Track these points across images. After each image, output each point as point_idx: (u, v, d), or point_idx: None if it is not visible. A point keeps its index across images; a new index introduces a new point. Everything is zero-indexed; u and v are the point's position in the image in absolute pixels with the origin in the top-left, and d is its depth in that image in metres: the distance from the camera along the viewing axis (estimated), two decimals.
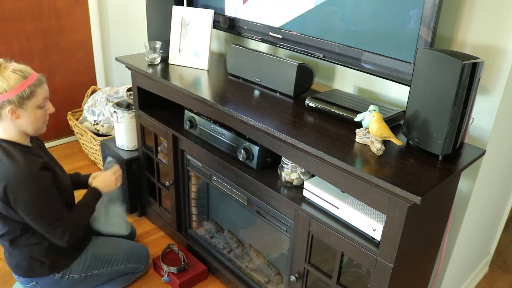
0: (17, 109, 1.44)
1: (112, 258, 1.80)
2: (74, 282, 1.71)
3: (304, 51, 1.66)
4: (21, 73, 1.43)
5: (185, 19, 1.94)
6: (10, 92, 1.40)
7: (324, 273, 1.47)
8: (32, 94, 1.45)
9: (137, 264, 1.91)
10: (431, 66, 1.17)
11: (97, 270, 1.75)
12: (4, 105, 1.42)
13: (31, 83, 1.44)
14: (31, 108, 1.46)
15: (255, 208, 1.67)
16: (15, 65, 1.46)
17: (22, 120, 1.47)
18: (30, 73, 1.46)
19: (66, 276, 1.68)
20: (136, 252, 1.92)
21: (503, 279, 2.15)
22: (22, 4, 2.70)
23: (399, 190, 1.09)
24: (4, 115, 1.44)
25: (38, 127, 1.53)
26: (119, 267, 1.82)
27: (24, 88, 1.42)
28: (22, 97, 1.42)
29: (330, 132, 1.38)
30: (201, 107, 1.70)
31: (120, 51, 3.05)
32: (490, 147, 1.42)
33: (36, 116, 1.49)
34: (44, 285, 1.67)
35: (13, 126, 1.48)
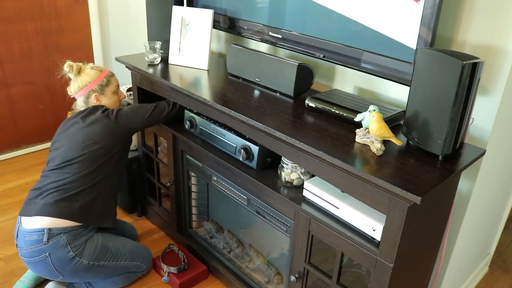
0: (100, 95, 1.87)
1: (118, 253, 1.83)
2: (81, 268, 1.72)
3: (304, 51, 1.66)
4: (97, 68, 1.88)
5: (185, 19, 1.94)
6: (92, 82, 1.85)
7: (324, 273, 1.47)
8: (109, 82, 1.89)
9: (140, 263, 1.92)
10: (431, 66, 1.17)
11: (104, 261, 1.78)
12: (90, 94, 1.86)
13: (106, 74, 1.88)
14: (110, 94, 1.90)
15: (255, 208, 1.67)
16: (91, 64, 1.90)
17: (103, 102, 1.89)
18: (103, 68, 1.91)
19: (78, 258, 1.70)
20: (140, 251, 1.95)
21: (503, 279, 2.15)
22: (22, 4, 2.70)
23: (399, 190, 1.09)
24: (91, 101, 1.88)
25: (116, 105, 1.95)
26: (123, 263, 1.84)
27: (101, 78, 1.86)
28: (101, 85, 1.86)
29: (330, 132, 1.38)
30: (201, 107, 1.70)
31: (120, 51, 3.05)
32: (490, 147, 1.42)
33: (113, 100, 1.92)
34: (55, 259, 1.68)
35: None
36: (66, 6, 2.89)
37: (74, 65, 1.85)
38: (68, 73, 1.86)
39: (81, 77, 1.85)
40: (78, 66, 1.86)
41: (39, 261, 1.68)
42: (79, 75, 1.85)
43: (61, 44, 2.95)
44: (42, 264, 1.69)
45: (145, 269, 1.96)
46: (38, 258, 1.68)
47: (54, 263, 1.68)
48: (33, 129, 3.00)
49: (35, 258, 1.68)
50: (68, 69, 1.85)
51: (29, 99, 2.91)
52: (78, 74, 1.85)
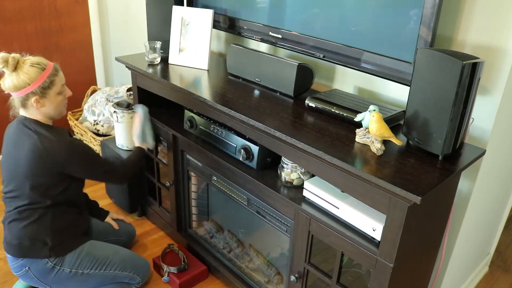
0: (41, 98, 1.59)
1: (107, 261, 1.76)
2: (63, 276, 1.68)
3: (304, 51, 1.66)
4: (39, 65, 1.58)
5: (185, 19, 1.94)
6: (32, 85, 1.56)
7: (324, 273, 1.47)
8: (52, 83, 1.60)
9: (133, 274, 1.83)
10: (431, 66, 1.17)
11: (89, 269, 1.72)
12: (28, 96, 1.57)
13: (49, 73, 1.59)
14: (53, 96, 1.62)
15: (255, 208, 1.67)
16: (32, 58, 1.59)
17: (46, 107, 1.62)
18: (46, 64, 1.60)
19: (58, 267, 1.67)
20: (134, 261, 1.86)
21: (503, 279, 2.15)
22: (22, 4, 2.70)
23: (399, 190, 1.09)
24: (30, 104, 1.60)
25: (60, 111, 1.69)
26: (112, 272, 1.77)
27: (44, 79, 1.57)
28: (43, 87, 1.58)
29: (330, 132, 1.38)
30: (201, 107, 1.70)
31: (120, 51, 3.05)
32: (490, 147, 1.42)
33: (57, 101, 1.65)
34: (35, 272, 1.66)
35: (39, 113, 1.63)
36: (66, 6, 2.89)
37: (10, 58, 1.54)
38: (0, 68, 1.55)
39: (18, 75, 1.54)
40: (15, 60, 1.55)
41: (23, 275, 1.69)
42: (16, 71, 1.55)
43: (61, 44, 2.95)
44: (27, 277, 1.69)
45: (140, 281, 1.88)
46: (21, 272, 1.68)
47: (36, 275, 1.67)
48: None
49: (19, 273, 1.69)
50: (2, 64, 1.53)
51: None
52: (15, 70, 1.55)
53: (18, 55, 1.57)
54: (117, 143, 2.35)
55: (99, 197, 2.57)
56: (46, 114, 1.64)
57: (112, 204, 2.53)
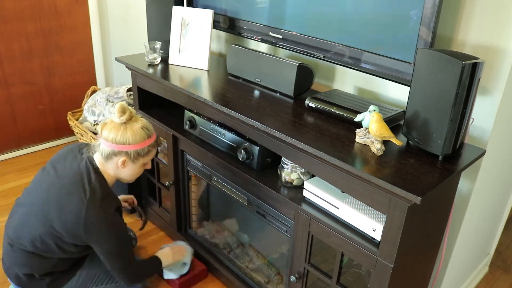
0: (128, 162, 1.51)
1: (108, 275, 1.74)
2: None
3: (304, 51, 1.66)
4: (147, 131, 1.52)
5: (185, 19, 1.94)
6: (132, 146, 1.49)
7: (324, 273, 1.47)
8: (147, 153, 1.54)
9: None
10: (431, 66, 1.17)
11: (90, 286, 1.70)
12: (120, 154, 1.49)
13: (151, 143, 1.53)
14: (139, 164, 1.55)
15: (255, 208, 1.67)
16: (144, 121, 1.53)
17: (126, 170, 1.54)
18: (152, 133, 1.55)
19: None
20: None
21: (503, 279, 2.15)
22: (22, 4, 2.70)
23: (399, 190, 1.09)
24: (114, 162, 1.51)
25: (133, 179, 1.62)
26: (113, 285, 1.75)
27: (144, 146, 1.51)
28: (139, 153, 1.51)
29: (330, 132, 1.38)
30: (201, 107, 1.70)
31: (120, 51, 3.05)
32: (490, 147, 1.42)
33: (139, 171, 1.59)
34: None
35: (114, 172, 1.55)
36: (66, 6, 2.89)
37: (128, 110, 1.48)
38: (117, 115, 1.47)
39: (126, 130, 1.47)
40: (131, 114, 1.49)
41: None
42: (125, 125, 1.48)
43: (61, 44, 2.95)
44: None
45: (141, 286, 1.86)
46: None
47: None
48: (33, 129, 3.00)
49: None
50: (120, 113, 1.46)
51: (29, 99, 2.91)
52: (124, 124, 1.48)
53: (134, 111, 1.53)
54: None
55: None
56: (118, 175, 1.57)
57: None
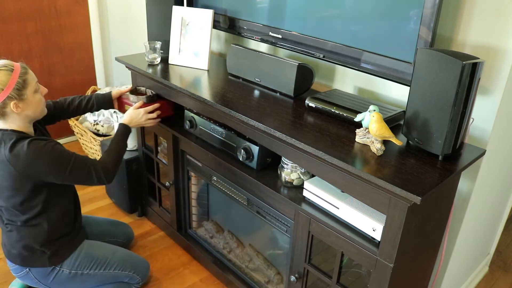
0: (19, 102, 1.47)
1: (106, 261, 1.75)
2: (63, 277, 1.68)
3: (304, 51, 1.66)
4: (6, 67, 1.46)
5: (185, 19, 1.94)
6: (6, 89, 1.43)
7: (324, 273, 1.47)
8: (25, 82, 1.48)
9: (133, 273, 1.82)
10: (431, 66, 1.17)
11: (88, 270, 1.71)
12: (5, 103, 1.45)
13: (19, 72, 1.47)
14: (31, 96, 1.50)
15: (255, 208, 1.67)
16: None
17: (26, 110, 1.50)
18: (13, 64, 1.49)
19: (57, 268, 1.67)
20: (133, 260, 1.85)
21: (503, 279, 2.15)
22: (22, 4, 2.70)
23: (399, 190, 1.09)
24: (10, 111, 1.47)
25: (41, 110, 1.58)
26: (111, 271, 1.76)
27: (16, 80, 1.45)
28: (18, 89, 1.46)
29: (330, 132, 1.38)
30: (201, 107, 1.70)
31: (120, 51, 3.05)
32: (490, 147, 1.42)
33: (36, 101, 1.53)
34: (36, 274, 1.67)
35: (19, 118, 1.52)
36: (66, 6, 2.89)
37: None
38: None
39: None
40: None
41: (23, 276, 1.68)
42: None
43: (61, 44, 2.95)
44: (27, 278, 1.69)
45: (140, 281, 1.86)
46: (21, 273, 1.68)
47: (36, 277, 1.67)
48: None
49: (19, 274, 1.68)
50: None
51: None
52: None
53: None
54: None
55: (99, 197, 2.58)
56: (28, 118, 1.53)
57: (112, 204, 2.53)
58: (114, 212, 2.46)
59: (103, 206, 2.52)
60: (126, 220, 2.40)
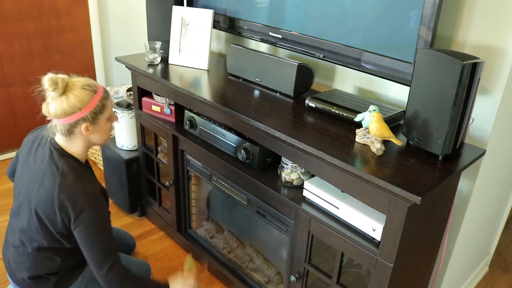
0: (91, 125, 1.42)
1: None
2: None
3: (304, 51, 1.66)
4: (90, 88, 1.40)
5: (185, 19, 1.94)
6: (84, 109, 1.38)
7: (324, 273, 1.47)
8: (104, 107, 1.43)
9: None
10: (431, 66, 1.17)
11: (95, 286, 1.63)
12: (78, 123, 1.40)
13: (101, 96, 1.42)
14: (103, 122, 1.45)
15: (255, 208, 1.67)
16: (82, 79, 1.41)
17: (94, 134, 1.46)
18: (97, 87, 1.43)
19: None
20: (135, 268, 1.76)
21: (503, 279, 2.15)
22: (22, 4, 2.70)
23: (399, 190, 1.09)
24: (78, 132, 1.42)
25: (106, 139, 1.53)
26: None
27: (96, 103, 1.40)
28: (95, 112, 1.41)
29: (330, 132, 1.38)
30: (201, 107, 1.70)
31: (120, 51, 3.05)
32: (490, 147, 1.42)
33: (107, 128, 1.49)
34: None
35: (83, 142, 1.47)
36: (66, 6, 2.89)
37: (59, 80, 1.35)
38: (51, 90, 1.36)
39: (68, 98, 1.36)
40: (64, 81, 1.36)
41: None
42: (65, 94, 1.37)
43: (61, 44, 2.95)
44: None
45: None
46: None
47: None
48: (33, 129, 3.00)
49: None
50: (52, 87, 1.34)
51: (29, 99, 2.91)
52: (64, 94, 1.37)
53: (66, 76, 1.38)
54: (117, 143, 2.35)
55: None
56: (89, 143, 1.48)
57: (112, 204, 2.53)
58: (114, 212, 2.46)
59: None
60: (126, 220, 2.40)
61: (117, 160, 2.29)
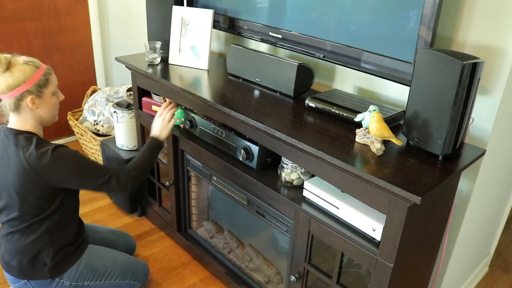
0: (37, 98, 1.49)
1: (107, 271, 1.71)
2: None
3: (304, 51, 1.66)
4: (33, 63, 1.49)
5: (185, 19, 1.94)
6: (28, 82, 1.46)
7: (324, 273, 1.47)
8: (47, 81, 1.52)
9: (133, 281, 1.79)
10: (431, 66, 1.17)
11: (89, 281, 1.68)
12: (24, 96, 1.47)
13: (44, 71, 1.51)
14: (48, 96, 1.53)
15: (255, 208, 1.67)
16: (24, 57, 1.50)
17: (41, 109, 1.52)
18: (40, 63, 1.53)
19: (57, 279, 1.62)
20: (133, 268, 1.82)
21: (503, 279, 2.15)
22: (22, 4, 2.70)
23: (399, 190, 1.09)
24: (24, 106, 1.49)
25: (54, 114, 1.60)
26: (112, 282, 1.72)
27: (39, 77, 1.48)
28: (39, 85, 1.49)
29: (330, 132, 1.38)
30: (201, 107, 1.70)
31: (120, 51, 3.05)
32: (490, 147, 1.42)
33: (52, 103, 1.56)
34: (35, 285, 1.62)
35: (32, 117, 1.53)
36: (66, 6, 2.89)
37: (2, 58, 1.45)
38: None
39: (12, 73, 1.44)
40: (7, 59, 1.46)
41: (21, 287, 1.63)
42: (9, 70, 1.45)
43: (61, 44, 2.95)
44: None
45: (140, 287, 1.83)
46: (19, 284, 1.63)
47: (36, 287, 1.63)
48: None
49: (17, 285, 1.64)
50: None
51: None
52: (7, 70, 1.45)
53: (9, 55, 1.48)
54: (117, 143, 2.35)
55: (99, 197, 2.58)
56: (39, 118, 1.54)
57: (112, 204, 2.53)
58: (114, 212, 2.47)
59: (103, 206, 2.52)
60: (126, 220, 2.40)
61: (117, 160, 2.29)
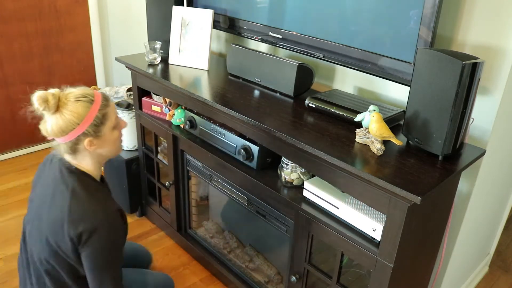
0: (95, 139, 1.28)
1: None
2: None
3: (304, 51, 1.66)
4: (85, 99, 1.25)
5: (185, 19, 1.94)
6: (82, 124, 1.24)
7: (324, 273, 1.47)
8: (104, 117, 1.28)
9: None
10: (431, 66, 1.17)
11: None
12: (80, 139, 1.26)
13: (99, 105, 1.27)
14: (108, 132, 1.31)
15: (255, 208, 1.67)
16: (75, 91, 1.27)
17: (101, 148, 1.32)
18: (94, 96, 1.27)
19: None
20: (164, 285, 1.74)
21: (503, 279, 2.15)
22: (22, 4, 2.70)
23: (399, 190, 1.09)
24: (82, 149, 1.29)
25: (117, 149, 1.39)
26: None
27: (94, 114, 1.25)
28: (96, 124, 1.26)
29: (330, 132, 1.38)
30: (201, 107, 1.70)
31: (120, 51, 3.05)
32: (490, 147, 1.42)
33: (114, 138, 1.34)
34: None
35: (91, 157, 1.33)
36: (66, 6, 2.89)
37: (50, 96, 1.21)
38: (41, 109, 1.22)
39: (63, 115, 1.23)
40: (55, 97, 1.22)
41: None
42: (59, 112, 1.23)
43: (61, 44, 2.95)
44: None
45: None
46: None
47: None
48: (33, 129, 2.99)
49: None
50: (42, 106, 1.21)
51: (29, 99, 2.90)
52: (57, 111, 1.23)
53: (57, 91, 1.24)
54: None
55: None
56: (100, 157, 1.34)
57: None
58: None
59: None
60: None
61: (117, 160, 2.29)
